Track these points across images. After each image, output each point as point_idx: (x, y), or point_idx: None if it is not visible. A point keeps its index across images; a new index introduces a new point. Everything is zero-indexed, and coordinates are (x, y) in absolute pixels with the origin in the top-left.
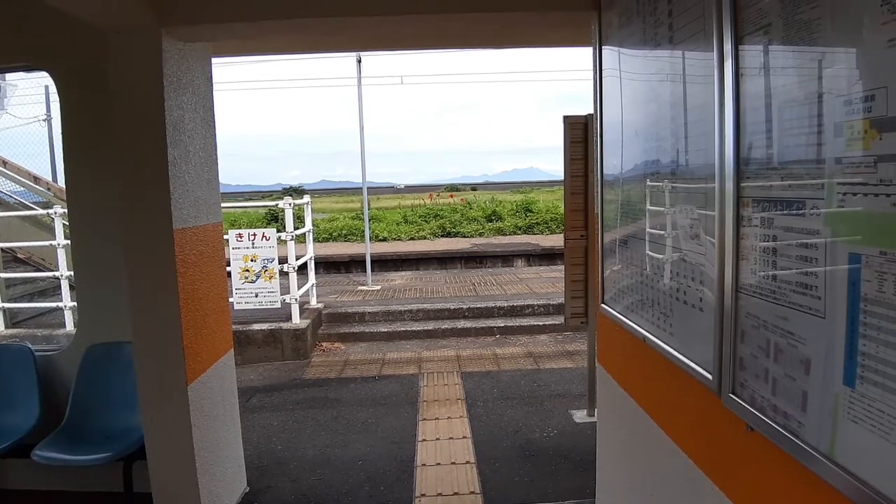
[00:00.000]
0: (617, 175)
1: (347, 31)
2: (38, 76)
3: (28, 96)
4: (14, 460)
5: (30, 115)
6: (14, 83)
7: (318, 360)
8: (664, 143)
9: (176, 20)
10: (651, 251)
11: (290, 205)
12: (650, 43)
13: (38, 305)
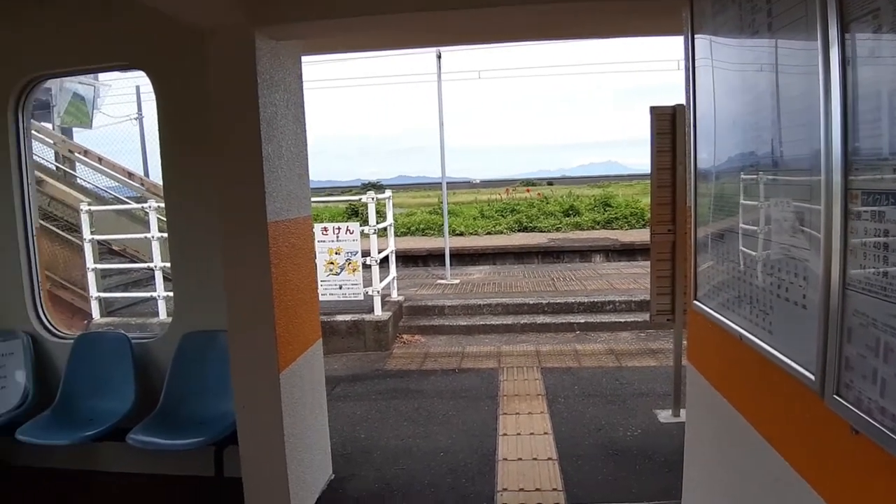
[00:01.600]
0: (710, 167)
1: (432, 25)
2: (130, 76)
3: (120, 96)
4: (111, 443)
5: (122, 114)
6: (108, 83)
7: (399, 351)
8: (761, 135)
9: (268, 19)
10: (747, 246)
11: (373, 199)
12: (747, 31)
13: (132, 295)
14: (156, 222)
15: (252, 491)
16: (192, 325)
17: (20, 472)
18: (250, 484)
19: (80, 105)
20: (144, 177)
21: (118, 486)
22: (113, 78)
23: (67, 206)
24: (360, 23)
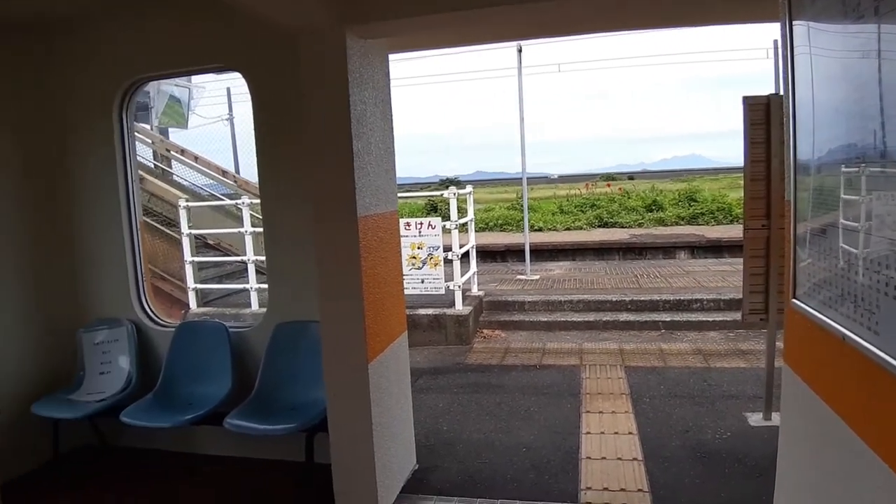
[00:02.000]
0: (809, 159)
1: (515, 18)
2: (221, 79)
3: (212, 98)
4: (208, 427)
5: (214, 115)
6: (202, 86)
7: (480, 346)
8: (866, 125)
9: (358, 18)
10: (849, 242)
11: (455, 194)
12: (851, 15)
13: (227, 287)
14: (249, 218)
15: (341, 477)
16: (284, 316)
17: (123, 452)
18: (339, 470)
19: (177, 106)
20: (236, 174)
21: (214, 468)
22: (206, 80)
23: (166, 202)
24: (446, 19)
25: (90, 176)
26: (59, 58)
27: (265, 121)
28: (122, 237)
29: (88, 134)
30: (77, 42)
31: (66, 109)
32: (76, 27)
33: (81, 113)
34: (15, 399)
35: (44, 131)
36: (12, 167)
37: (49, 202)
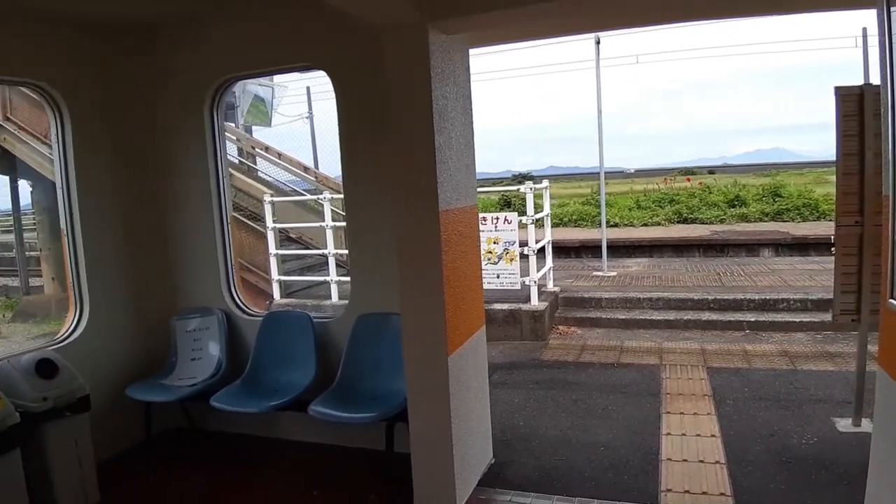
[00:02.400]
0: None
1: (596, 9)
2: (302, 78)
3: (293, 97)
4: (293, 413)
5: (295, 114)
6: (284, 85)
7: (555, 342)
8: None
9: (440, 14)
10: None
11: (531, 189)
12: None
13: (309, 279)
14: (330, 212)
15: (419, 467)
16: (366, 308)
17: (211, 435)
18: (418, 460)
19: (261, 105)
20: (316, 170)
21: (299, 453)
22: (288, 80)
23: (252, 197)
24: (527, 12)
25: (183, 171)
26: (154, 58)
27: (349, 118)
28: (213, 230)
29: (181, 131)
30: (171, 43)
31: (160, 108)
32: (171, 29)
33: (175, 111)
34: (112, 383)
35: (141, 129)
36: (113, 164)
37: (145, 196)
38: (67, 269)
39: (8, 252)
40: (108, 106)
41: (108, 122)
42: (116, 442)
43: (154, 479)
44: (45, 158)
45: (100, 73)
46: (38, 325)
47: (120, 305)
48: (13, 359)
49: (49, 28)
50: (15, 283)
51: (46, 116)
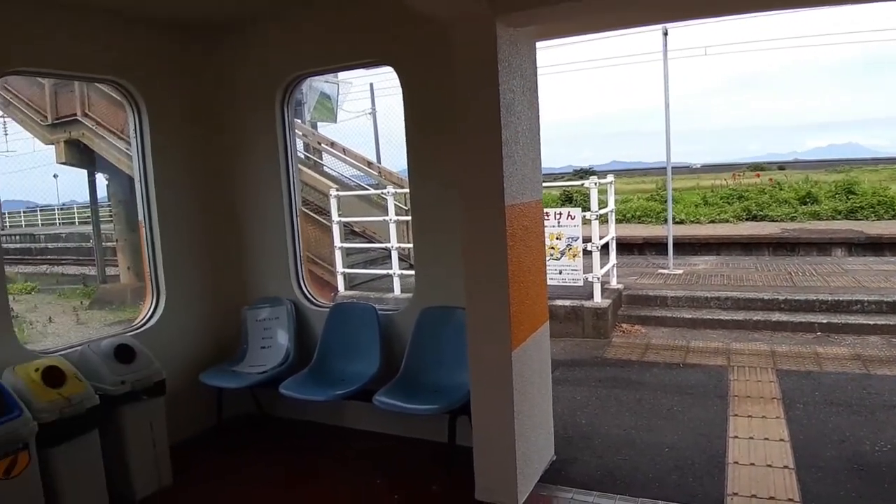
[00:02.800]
0: None
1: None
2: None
3: (357, 93)
4: (357, 402)
5: (358, 110)
6: (349, 81)
7: (619, 340)
8: None
9: (508, 7)
10: None
11: (595, 184)
12: None
13: (373, 271)
14: (393, 207)
15: (481, 461)
16: (430, 301)
17: (279, 421)
18: (480, 454)
19: (326, 102)
20: (380, 165)
21: (362, 441)
22: (352, 76)
23: (318, 191)
24: (594, 4)
25: (255, 166)
26: (226, 55)
27: (415, 113)
28: (283, 223)
29: (253, 127)
30: (243, 41)
31: (233, 104)
32: (242, 27)
33: (247, 107)
34: (185, 369)
35: (214, 125)
36: (188, 159)
37: (219, 190)
38: (145, 259)
39: (86, 242)
40: (183, 102)
41: (183, 118)
42: (189, 426)
43: (224, 462)
44: (121, 153)
45: (175, 70)
46: (114, 312)
47: (194, 294)
48: (93, 344)
49: (128, 27)
50: (92, 272)
51: (122, 112)
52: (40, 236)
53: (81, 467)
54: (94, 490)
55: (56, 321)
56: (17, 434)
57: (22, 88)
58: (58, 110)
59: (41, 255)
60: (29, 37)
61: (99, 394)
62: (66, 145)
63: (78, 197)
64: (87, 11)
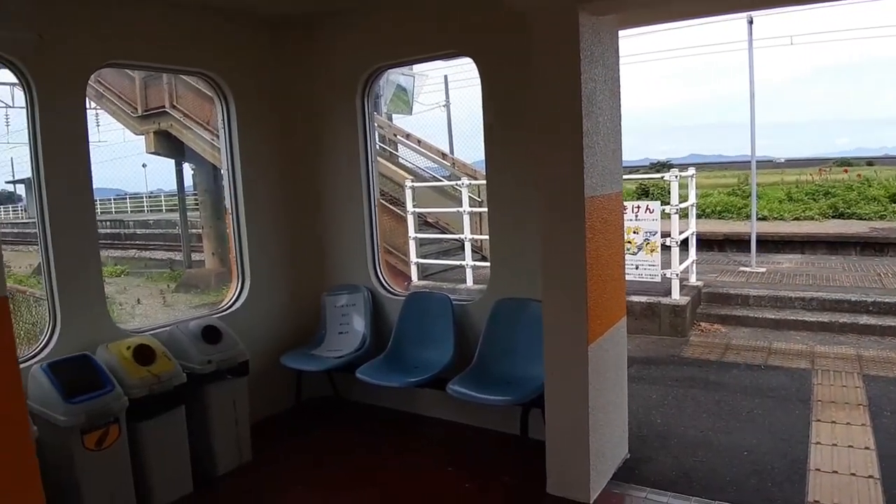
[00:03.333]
0: None
1: None
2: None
3: (431, 85)
4: (430, 390)
5: (432, 102)
6: (424, 74)
7: (697, 339)
8: None
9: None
10: None
11: (676, 177)
12: None
13: (446, 262)
14: (467, 198)
15: (554, 455)
16: (504, 293)
17: (354, 405)
18: (553, 448)
19: (402, 95)
20: (453, 157)
21: (433, 429)
22: (428, 69)
23: (393, 182)
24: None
25: (335, 157)
26: (310, 48)
27: (494, 104)
28: (361, 213)
29: (334, 119)
30: (326, 34)
31: (315, 96)
32: (325, 20)
33: (329, 99)
34: (267, 351)
35: (297, 117)
36: (273, 149)
37: (301, 179)
38: (232, 245)
39: (171, 229)
40: (268, 95)
41: (268, 110)
42: (269, 406)
43: (301, 442)
44: (207, 143)
45: (261, 63)
46: (199, 295)
47: (277, 280)
48: (182, 325)
49: (217, 21)
50: (178, 257)
51: (207, 104)
52: (129, 222)
53: (168, 442)
54: (178, 464)
55: (144, 303)
56: (108, 408)
57: (114, 81)
58: (147, 102)
59: (130, 241)
60: (124, 30)
61: (186, 372)
62: (156, 136)
63: (164, 186)
64: (179, 6)
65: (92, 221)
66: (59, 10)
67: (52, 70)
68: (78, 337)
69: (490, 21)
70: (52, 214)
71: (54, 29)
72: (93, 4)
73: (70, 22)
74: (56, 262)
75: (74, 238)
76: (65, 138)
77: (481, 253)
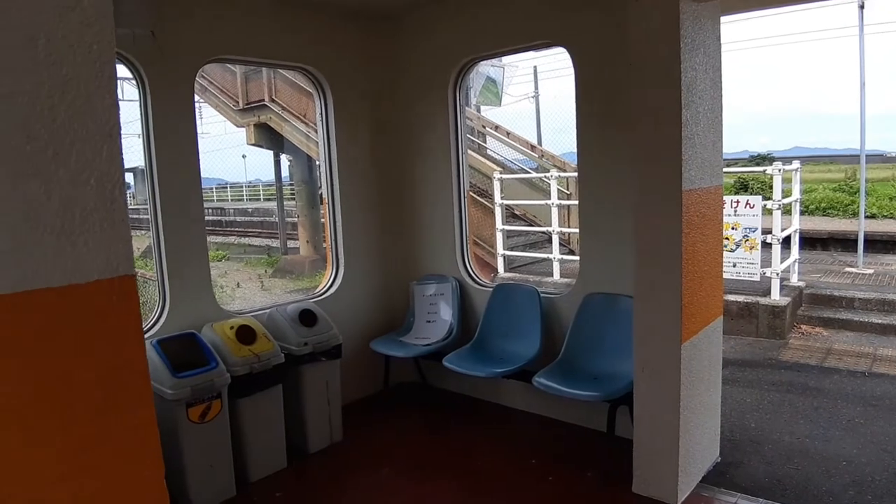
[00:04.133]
0: None
1: None
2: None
3: (519, 77)
4: (514, 382)
5: (520, 94)
6: (515, 65)
7: (796, 342)
8: None
9: None
10: None
11: (780, 171)
12: None
13: (533, 255)
14: (556, 190)
15: (642, 453)
16: (594, 287)
17: (439, 392)
18: (640, 447)
19: (491, 86)
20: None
21: (516, 420)
22: (517, 60)
23: (481, 173)
24: None
25: (427, 148)
26: (404, 40)
27: (587, 94)
28: (451, 204)
29: (426, 110)
30: (420, 25)
31: (408, 88)
32: (417, 12)
33: (421, 91)
34: (358, 336)
35: (390, 109)
36: (367, 141)
37: (393, 170)
38: (328, 233)
39: (268, 217)
40: (362, 87)
41: (363, 102)
42: (358, 389)
43: (389, 426)
44: (303, 135)
45: (357, 57)
46: (293, 281)
47: (369, 268)
48: (280, 308)
49: (316, 16)
50: (275, 244)
51: (304, 98)
52: (229, 210)
53: (265, 418)
54: (274, 439)
55: (243, 286)
56: (212, 384)
57: (216, 76)
58: (248, 96)
59: (230, 227)
60: (230, 26)
61: (284, 353)
62: (255, 128)
63: (262, 176)
64: (280, 2)
65: (199, 208)
66: (171, 8)
67: (163, 65)
68: (185, 316)
69: (585, 9)
70: (163, 201)
71: (166, 25)
72: (202, 2)
73: (180, 19)
74: (166, 245)
75: (184, 224)
76: (175, 130)
77: (568, 246)
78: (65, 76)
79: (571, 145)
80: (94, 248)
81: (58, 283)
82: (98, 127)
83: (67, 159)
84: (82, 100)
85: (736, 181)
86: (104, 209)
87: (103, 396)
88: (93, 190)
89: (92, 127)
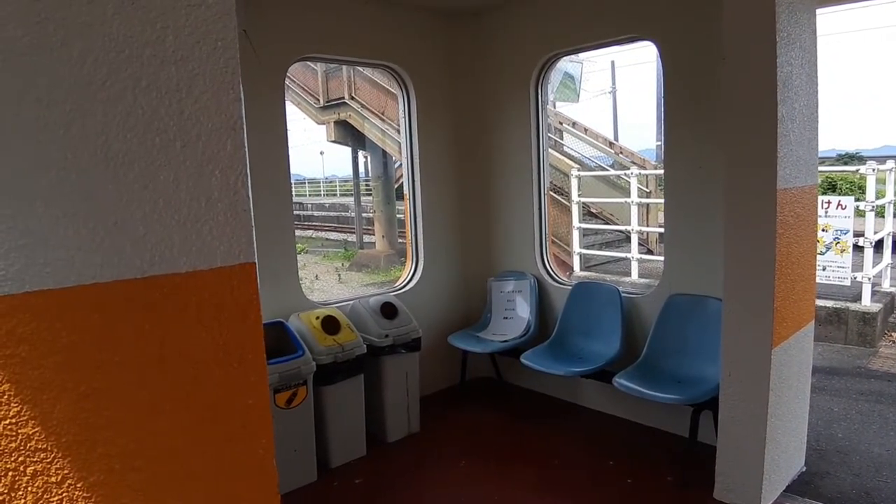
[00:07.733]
0: None
1: None
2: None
3: (596, 72)
4: (593, 382)
5: (597, 89)
6: (593, 60)
7: (888, 351)
8: None
9: None
10: None
11: (874, 171)
12: None
13: (610, 254)
14: (636, 188)
15: (725, 459)
16: (678, 288)
17: (515, 388)
18: (724, 453)
19: (569, 82)
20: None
21: (593, 420)
22: (595, 55)
23: (558, 170)
24: None
25: (507, 145)
26: (486, 37)
27: (675, 90)
28: (531, 201)
29: (508, 107)
30: (502, 22)
31: (489, 85)
32: (502, 8)
33: (503, 87)
34: (436, 330)
35: (471, 105)
36: (448, 138)
37: (474, 167)
38: (408, 229)
39: (345, 212)
40: (444, 85)
41: (444, 99)
42: (436, 382)
43: (465, 420)
44: (381, 132)
45: (439, 54)
46: (369, 275)
47: (448, 263)
48: (363, 300)
49: (399, 14)
50: (351, 239)
51: (382, 95)
52: (308, 205)
53: (347, 406)
54: (355, 427)
55: (321, 279)
56: (299, 371)
57: (297, 74)
58: (328, 94)
59: (308, 222)
60: (318, 25)
61: (366, 344)
62: (335, 125)
63: (338, 172)
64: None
65: (288, 202)
66: (262, 7)
67: (255, 63)
68: (274, 305)
69: (674, 1)
70: (255, 195)
71: (257, 23)
72: (291, 1)
73: (271, 18)
74: (258, 238)
75: (274, 217)
76: (266, 127)
77: (647, 246)
78: (191, 71)
79: (647, 142)
80: (218, 237)
81: (184, 268)
82: (222, 121)
83: (194, 151)
84: (208, 95)
85: (824, 180)
86: (227, 199)
87: (224, 375)
88: (217, 181)
89: (217, 120)
